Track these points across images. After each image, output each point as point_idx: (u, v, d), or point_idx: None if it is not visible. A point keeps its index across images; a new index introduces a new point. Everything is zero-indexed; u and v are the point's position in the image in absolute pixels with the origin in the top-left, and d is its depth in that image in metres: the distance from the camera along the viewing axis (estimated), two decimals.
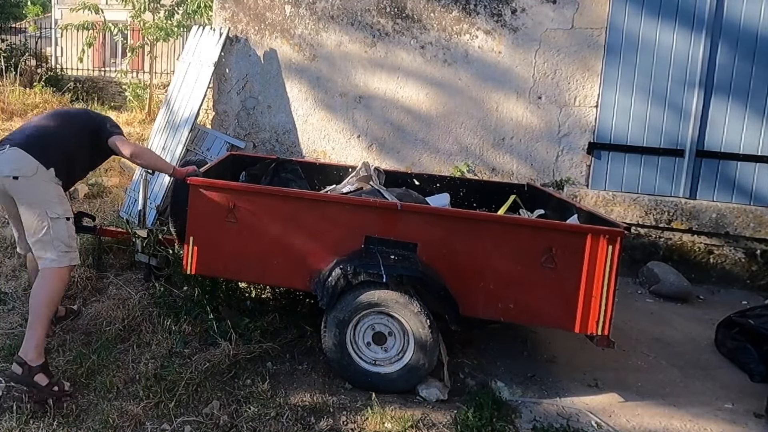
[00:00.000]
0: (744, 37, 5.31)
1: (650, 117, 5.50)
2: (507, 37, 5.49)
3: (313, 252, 3.54)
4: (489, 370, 3.89)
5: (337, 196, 3.82)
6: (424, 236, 3.48)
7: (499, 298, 3.49)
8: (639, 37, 5.42)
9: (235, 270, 3.72)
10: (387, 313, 3.46)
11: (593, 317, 3.38)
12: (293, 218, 3.55)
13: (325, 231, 3.54)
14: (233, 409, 3.26)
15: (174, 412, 3.19)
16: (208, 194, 3.53)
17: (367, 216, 3.54)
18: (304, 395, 3.46)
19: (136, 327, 3.95)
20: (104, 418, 3.07)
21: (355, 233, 3.49)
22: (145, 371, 3.46)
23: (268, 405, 3.30)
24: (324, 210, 3.58)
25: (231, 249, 3.59)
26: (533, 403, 3.53)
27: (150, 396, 3.26)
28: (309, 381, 3.62)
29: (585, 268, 3.34)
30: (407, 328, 3.44)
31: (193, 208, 3.55)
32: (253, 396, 3.37)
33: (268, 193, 3.74)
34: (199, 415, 3.20)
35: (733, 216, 5.34)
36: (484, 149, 5.62)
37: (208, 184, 3.56)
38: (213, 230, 3.57)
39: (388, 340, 3.53)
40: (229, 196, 3.52)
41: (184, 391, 3.33)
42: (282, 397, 3.41)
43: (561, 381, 3.82)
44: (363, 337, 3.53)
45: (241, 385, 3.47)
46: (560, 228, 3.55)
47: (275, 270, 3.63)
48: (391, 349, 3.53)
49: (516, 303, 3.48)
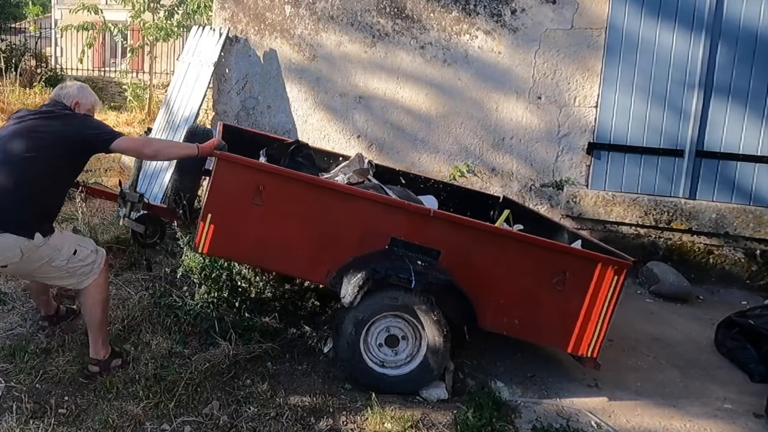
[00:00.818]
0: (743, 37, 5.31)
1: (650, 117, 5.50)
2: (507, 37, 5.48)
3: (335, 246, 3.44)
4: (489, 370, 3.89)
5: (371, 194, 3.66)
6: (447, 244, 3.48)
7: (507, 312, 3.53)
8: (639, 37, 5.42)
9: (254, 256, 3.55)
10: (404, 317, 3.45)
11: (587, 340, 3.49)
12: (323, 209, 3.44)
13: (351, 226, 3.46)
14: (233, 410, 3.26)
15: (174, 412, 3.19)
16: (236, 172, 3.32)
17: (397, 217, 3.50)
18: (304, 395, 3.45)
19: (136, 327, 3.95)
20: (104, 418, 3.07)
21: (382, 233, 3.44)
22: (145, 371, 3.46)
23: (267, 405, 3.30)
24: (355, 205, 3.48)
25: (252, 233, 3.39)
26: (533, 403, 3.54)
27: (150, 396, 3.26)
28: (309, 381, 3.60)
29: (589, 294, 3.43)
30: (424, 334, 3.43)
31: (217, 184, 3.30)
32: (252, 396, 3.37)
33: (302, 180, 3.49)
34: (199, 415, 3.20)
35: (732, 216, 5.34)
36: (484, 149, 5.62)
37: (239, 162, 3.33)
38: (235, 210, 3.35)
39: (401, 343, 3.52)
40: (261, 176, 3.31)
41: (184, 392, 3.32)
42: (282, 397, 3.40)
43: (561, 381, 3.83)
44: (376, 339, 3.50)
45: (241, 386, 3.47)
46: (577, 253, 3.64)
47: (296, 260, 3.51)
48: (402, 353, 3.53)
49: (521, 319, 3.53)
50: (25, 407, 3.09)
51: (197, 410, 3.24)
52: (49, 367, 3.42)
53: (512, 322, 3.54)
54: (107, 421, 3.05)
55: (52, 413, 3.07)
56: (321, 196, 3.48)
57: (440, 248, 3.46)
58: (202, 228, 3.36)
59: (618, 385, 3.79)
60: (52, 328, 3.79)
